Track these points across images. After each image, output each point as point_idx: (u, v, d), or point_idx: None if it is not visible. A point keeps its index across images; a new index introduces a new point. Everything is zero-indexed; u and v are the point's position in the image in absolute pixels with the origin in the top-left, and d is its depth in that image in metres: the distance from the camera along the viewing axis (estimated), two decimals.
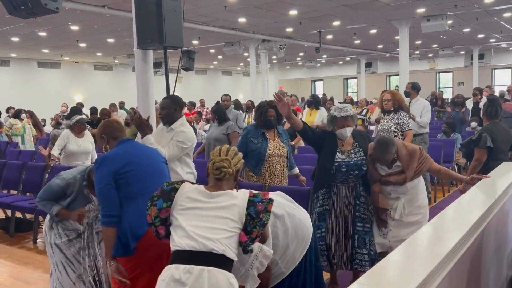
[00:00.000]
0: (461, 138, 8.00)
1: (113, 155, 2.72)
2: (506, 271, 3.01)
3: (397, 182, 3.33)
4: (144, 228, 2.60)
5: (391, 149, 3.25)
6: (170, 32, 4.45)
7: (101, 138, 2.86)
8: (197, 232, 2.01)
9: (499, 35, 16.72)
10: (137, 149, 2.88)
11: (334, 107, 3.45)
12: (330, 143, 3.40)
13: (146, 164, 2.79)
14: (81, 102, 13.30)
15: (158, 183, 2.77)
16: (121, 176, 2.64)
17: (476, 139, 3.87)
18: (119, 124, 2.92)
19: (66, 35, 13.19)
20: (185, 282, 1.93)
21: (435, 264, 1.59)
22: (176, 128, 3.80)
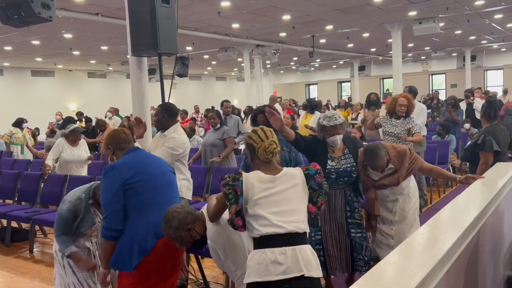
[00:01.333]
0: (456, 140, 8.07)
1: (122, 164, 2.66)
2: (503, 270, 3.03)
3: (391, 183, 3.33)
4: (153, 240, 2.57)
5: (380, 154, 3.24)
6: (164, 38, 4.46)
7: (107, 149, 2.81)
8: (279, 219, 2.16)
9: (490, 37, 16.86)
10: (146, 158, 2.83)
11: (323, 116, 3.40)
12: (321, 150, 3.38)
13: (155, 173, 2.74)
14: (81, 111, 13.23)
15: (167, 193, 2.76)
16: (130, 186, 2.58)
17: (481, 143, 3.82)
18: (127, 135, 2.84)
19: (59, 43, 13.18)
20: (282, 262, 2.11)
21: (433, 265, 1.60)
22: (168, 134, 3.82)
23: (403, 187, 3.38)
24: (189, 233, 2.36)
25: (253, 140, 2.33)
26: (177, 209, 2.41)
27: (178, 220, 2.36)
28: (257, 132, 2.36)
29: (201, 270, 4.06)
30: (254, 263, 2.17)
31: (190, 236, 2.38)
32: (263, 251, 2.15)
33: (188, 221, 2.37)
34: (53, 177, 5.73)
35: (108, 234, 2.58)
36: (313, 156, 3.43)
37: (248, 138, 2.38)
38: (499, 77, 24.59)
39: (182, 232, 2.35)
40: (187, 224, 2.36)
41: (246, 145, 2.40)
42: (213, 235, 2.33)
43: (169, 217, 2.38)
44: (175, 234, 2.36)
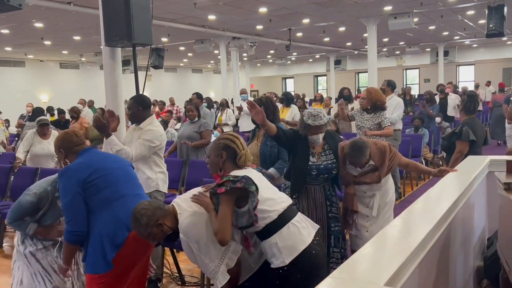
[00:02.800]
0: (429, 134, 8.22)
1: (77, 165, 2.62)
2: (473, 261, 3.11)
3: (373, 181, 3.34)
4: (124, 234, 2.53)
5: (365, 153, 3.24)
6: (139, 29, 4.37)
7: (59, 152, 2.74)
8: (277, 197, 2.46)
9: (462, 33, 17.21)
10: (101, 155, 2.81)
11: (308, 113, 3.29)
12: (302, 146, 3.36)
13: (114, 167, 2.71)
14: (51, 106, 12.86)
15: (130, 186, 2.73)
16: (90, 185, 2.54)
17: (458, 132, 3.95)
18: (79, 137, 2.77)
19: (30, 32, 12.79)
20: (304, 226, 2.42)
21: (406, 256, 1.62)
22: (144, 127, 3.75)
23: (381, 183, 3.39)
24: (160, 229, 2.34)
25: (236, 146, 2.42)
26: (145, 206, 2.37)
27: (147, 217, 2.33)
28: (238, 139, 2.47)
29: (176, 263, 4.04)
30: (287, 241, 2.31)
31: (162, 232, 2.35)
32: (288, 225, 2.35)
33: (158, 217, 2.34)
34: (24, 170, 5.59)
35: (72, 239, 2.54)
36: (294, 152, 3.42)
37: (229, 142, 2.42)
38: (470, 72, 25.19)
39: (152, 228, 2.33)
40: (157, 220, 2.33)
41: (225, 146, 2.41)
42: (185, 228, 2.31)
43: (138, 215, 2.35)
44: (145, 232, 2.34)
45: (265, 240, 2.37)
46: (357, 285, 1.42)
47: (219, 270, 2.27)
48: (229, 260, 2.29)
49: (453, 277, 2.56)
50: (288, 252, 2.31)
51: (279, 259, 2.31)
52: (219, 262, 2.26)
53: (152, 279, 3.84)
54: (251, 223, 2.31)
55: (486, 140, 4.22)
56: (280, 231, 2.32)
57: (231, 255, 2.29)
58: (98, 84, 14.06)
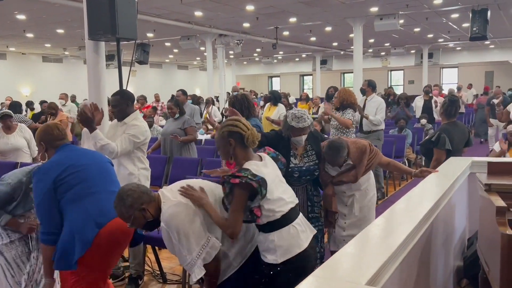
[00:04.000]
0: (411, 135, 8.31)
1: (49, 165, 2.59)
2: (453, 261, 3.14)
3: (349, 180, 3.33)
4: (94, 230, 2.51)
5: (342, 153, 3.23)
6: (123, 23, 4.32)
7: (40, 145, 2.72)
8: (287, 196, 2.46)
9: (447, 35, 17.44)
10: (78, 151, 2.78)
11: (292, 115, 3.23)
12: (284, 147, 3.30)
13: (89, 163, 2.69)
14: (31, 101, 12.58)
15: (105, 182, 2.70)
16: (61, 182, 2.52)
17: (435, 140, 3.94)
18: (60, 131, 2.74)
19: (12, 24, 12.54)
20: (304, 229, 2.46)
21: (388, 256, 1.62)
22: (129, 122, 3.70)
23: (360, 183, 3.38)
24: (142, 214, 2.32)
25: (240, 129, 2.41)
26: (133, 188, 2.36)
27: (132, 198, 2.31)
28: (240, 121, 2.46)
29: (158, 261, 4.00)
30: (286, 241, 2.37)
31: (143, 217, 2.33)
32: (289, 226, 2.40)
33: (143, 201, 2.33)
34: (2, 164, 5.46)
35: (46, 239, 2.51)
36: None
37: (232, 127, 2.41)
38: (454, 74, 25.57)
39: (135, 211, 2.31)
40: (141, 204, 2.31)
41: (230, 133, 2.40)
42: (167, 218, 2.28)
43: (123, 195, 2.33)
44: (127, 213, 2.31)
45: (262, 233, 2.42)
46: (338, 284, 1.42)
47: (196, 263, 2.26)
48: (206, 255, 2.27)
49: (434, 276, 2.58)
50: (283, 252, 2.36)
51: (273, 256, 2.37)
52: (196, 255, 2.25)
53: (133, 276, 3.80)
54: (254, 219, 2.37)
55: (468, 142, 4.25)
56: (280, 230, 2.38)
57: (209, 250, 2.28)
58: (82, 78, 13.91)
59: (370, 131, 6.42)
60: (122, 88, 3.96)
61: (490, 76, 24.40)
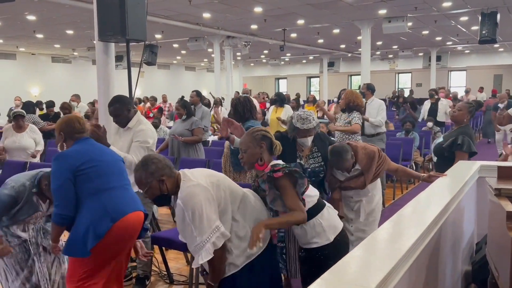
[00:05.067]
0: (419, 137, 8.28)
1: (72, 152, 2.66)
2: (461, 266, 3.12)
3: (357, 186, 3.30)
4: (108, 224, 2.56)
5: (345, 157, 3.20)
6: (133, 24, 4.35)
7: (59, 135, 2.77)
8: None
9: (455, 38, 17.35)
10: (96, 146, 2.84)
11: (297, 116, 3.23)
12: (290, 149, 3.29)
13: (106, 160, 2.76)
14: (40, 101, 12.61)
15: (120, 179, 2.77)
16: (81, 173, 2.58)
17: (461, 143, 3.88)
18: (81, 125, 2.81)
19: (22, 25, 12.66)
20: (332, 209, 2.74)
21: (396, 260, 1.61)
22: (134, 127, 3.66)
23: (368, 189, 3.35)
24: (159, 184, 2.36)
25: (271, 136, 2.61)
26: (158, 158, 2.43)
27: (156, 167, 2.36)
28: (269, 131, 2.65)
29: (165, 261, 4.01)
30: (329, 220, 2.61)
31: (159, 188, 2.36)
32: (326, 208, 2.65)
33: (164, 173, 2.37)
34: (12, 164, 5.52)
35: (60, 221, 2.56)
36: (281, 155, 3.38)
37: (266, 132, 2.60)
38: (462, 78, 25.41)
39: (153, 180, 2.35)
40: (162, 175, 2.36)
41: (263, 137, 2.56)
42: (185, 196, 2.31)
43: (148, 161, 2.39)
44: (146, 180, 2.36)
45: (307, 222, 2.56)
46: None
47: (204, 246, 2.25)
48: (216, 240, 2.27)
49: (442, 281, 2.57)
50: (332, 231, 2.61)
51: (324, 237, 2.58)
52: (206, 238, 2.25)
53: (140, 277, 3.82)
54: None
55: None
56: (322, 212, 2.61)
57: (219, 236, 2.28)
58: (90, 79, 13.98)
59: (373, 134, 6.42)
60: (118, 95, 3.86)
61: (499, 80, 24.22)
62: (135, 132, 3.64)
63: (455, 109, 4.14)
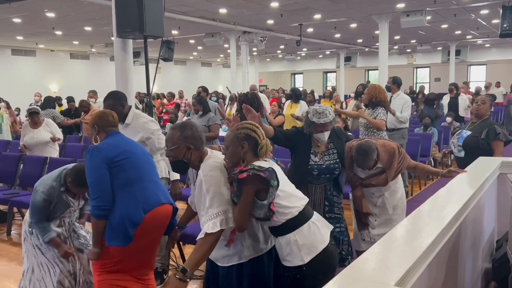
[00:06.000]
0: (438, 133, 8.16)
1: (106, 145, 2.73)
2: (481, 263, 3.08)
3: (379, 184, 3.27)
4: (142, 215, 2.62)
5: (372, 156, 3.17)
6: (151, 21, 4.37)
7: (93, 128, 2.85)
8: (299, 193, 2.46)
9: (475, 32, 17.04)
10: (127, 140, 2.92)
11: (313, 110, 3.17)
12: (304, 144, 3.24)
13: (138, 152, 2.83)
14: (59, 96, 12.83)
15: (150, 171, 2.86)
16: (116, 164, 2.64)
17: (500, 132, 3.85)
18: (114, 118, 2.89)
19: (41, 22, 12.85)
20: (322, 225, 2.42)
21: (417, 257, 1.60)
22: (132, 122, 3.67)
23: (389, 184, 3.32)
24: (185, 150, 2.39)
25: (258, 136, 2.38)
26: (198, 128, 2.47)
27: (192, 133, 2.40)
28: (259, 128, 2.41)
29: (182, 256, 4.05)
30: (307, 239, 2.31)
31: (183, 154, 2.39)
32: (308, 223, 2.35)
33: (195, 143, 2.40)
34: (32, 159, 5.62)
35: (99, 213, 2.61)
36: (295, 151, 3.32)
37: (250, 131, 2.37)
38: (482, 72, 24.93)
39: (183, 143, 2.38)
40: (192, 144, 2.39)
41: (247, 137, 2.36)
42: (207, 166, 2.34)
43: (188, 125, 2.44)
44: (177, 140, 2.39)
45: (282, 237, 2.34)
46: (367, 285, 1.41)
47: (214, 219, 2.24)
48: (226, 218, 2.26)
49: (462, 278, 2.54)
50: (308, 251, 2.30)
51: (297, 257, 2.30)
52: (217, 212, 2.24)
53: (158, 271, 3.86)
54: (268, 217, 2.28)
55: None
56: (301, 228, 2.32)
57: (229, 217, 2.27)
58: (107, 75, 14.07)
59: (394, 128, 6.31)
60: (114, 91, 3.87)
61: None
62: (135, 127, 3.66)
63: (480, 103, 4.07)
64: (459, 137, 4.07)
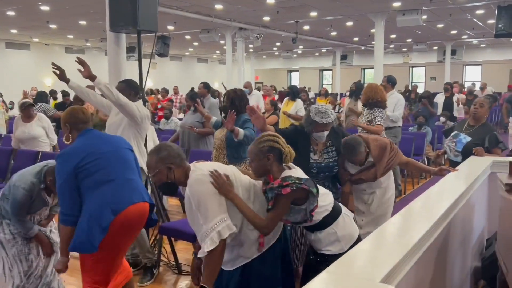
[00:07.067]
0: (432, 132, 8.18)
1: (71, 150, 2.66)
2: (471, 262, 3.09)
3: (368, 179, 3.27)
4: (110, 216, 2.57)
5: (358, 149, 3.18)
6: (145, 15, 4.34)
7: (65, 126, 2.79)
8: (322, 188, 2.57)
9: (471, 32, 17.08)
10: (97, 138, 2.81)
11: (315, 109, 3.16)
12: (304, 143, 3.25)
13: (109, 150, 2.75)
14: (54, 89, 12.77)
15: (123, 169, 2.77)
16: (82, 169, 2.59)
17: (501, 141, 3.87)
18: (85, 115, 2.81)
19: (35, 15, 12.75)
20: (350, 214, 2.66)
21: (403, 254, 1.60)
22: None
23: (381, 181, 3.33)
24: (167, 171, 2.38)
25: (280, 146, 2.45)
26: (173, 146, 2.46)
27: (167, 154, 2.39)
28: (280, 138, 2.49)
29: (173, 252, 4.04)
30: (344, 230, 2.52)
31: (166, 175, 2.39)
32: (342, 215, 2.55)
33: (174, 162, 2.39)
34: (24, 153, 5.59)
35: (66, 219, 2.58)
36: (294, 150, 3.34)
37: (273, 143, 2.44)
38: (477, 72, 25.02)
39: (163, 166, 2.38)
40: (171, 163, 2.38)
41: (270, 149, 2.42)
42: (192, 183, 2.33)
43: (162, 147, 2.43)
44: (155, 164, 2.39)
45: (320, 231, 2.51)
46: (352, 281, 1.41)
47: (210, 234, 2.24)
48: (222, 230, 2.26)
49: (450, 276, 2.55)
50: (347, 241, 2.51)
51: (338, 246, 2.50)
52: (212, 227, 2.24)
53: (148, 266, 3.84)
54: (305, 220, 2.43)
55: None
56: (337, 221, 2.52)
57: (225, 226, 2.27)
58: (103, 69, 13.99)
59: (387, 127, 6.32)
60: (128, 78, 3.98)
61: None
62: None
63: (478, 106, 4.03)
64: (457, 142, 4.02)
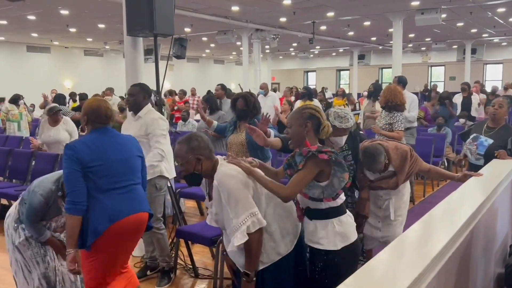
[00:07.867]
0: (452, 133, 8.04)
1: (83, 145, 2.65)
2: (494, 268, 3.01)
3: (389, 187, 3.23)
4: (106, 224, 2.58)
5: (378, 159, 3.11)
6: (161, 19, 4.35)
7: (83, 117, 2.77)
8: None
9: (492, 30, 16.75)
10: (108, 143, 2.75)
11: (334, 113, 3.08)
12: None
13: (117, 159, 2.72)
14: (74, 92, 12.96)
15: (126, 180, 2.74)
16: (89, 170, 2.59)
17: None
18: (107, 117, 2.76)
19: (55, 19, 12.96)
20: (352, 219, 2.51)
21: (425, 265, 1.56)
22: (144, 116, 3.72)
23: (399, 189, 3.28)
24: (195, 162, 2.39)
25: (321, 116, 2.41)
26: (204, 137, 2.46)
27: (198, 144, 2.39)
28: (320, 110, 2.44)
29: (190, 255, 4.04)
30: (345, 228, 2.40)
31: (194, 166, 2.39)
32: (345, 215, 2.43)
33: (204, 153, 2.40)
34: (44, 156, 5.66)
35: (73, 208, 2.56)
36: None
37: (315, 111, 2.41)
38: (498, 71, 24.54)
39: (192, 156, 2.38)
40: (201, 154, 2.39)
41: (310, 116, 2.39)
42: (222, 176, 2.33)
43: (193, 137, 2.43)
44: (185, 153, 2.39)
45: (320, 220, 2.39)
46: None
47: (240, 229, 2.25)
48: (251, 224, 2.26)
49: (473, 284, 2.48)
50: (342, 239, 2.38)
51: (331, 242, 2.37)
52: (242, 221, 2.25)
53: (165, 270, 3.85)
54: (321, 198, 2.33)
55: None
56: (340, 217, 2.41)
57: (255, 220, 2.27)
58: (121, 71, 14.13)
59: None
60: (143, 83, 3.98)
61: None
62: (145, 121, 3.69)
63: (497, 106, 3.94)
64: (478, 145, 3.91)
